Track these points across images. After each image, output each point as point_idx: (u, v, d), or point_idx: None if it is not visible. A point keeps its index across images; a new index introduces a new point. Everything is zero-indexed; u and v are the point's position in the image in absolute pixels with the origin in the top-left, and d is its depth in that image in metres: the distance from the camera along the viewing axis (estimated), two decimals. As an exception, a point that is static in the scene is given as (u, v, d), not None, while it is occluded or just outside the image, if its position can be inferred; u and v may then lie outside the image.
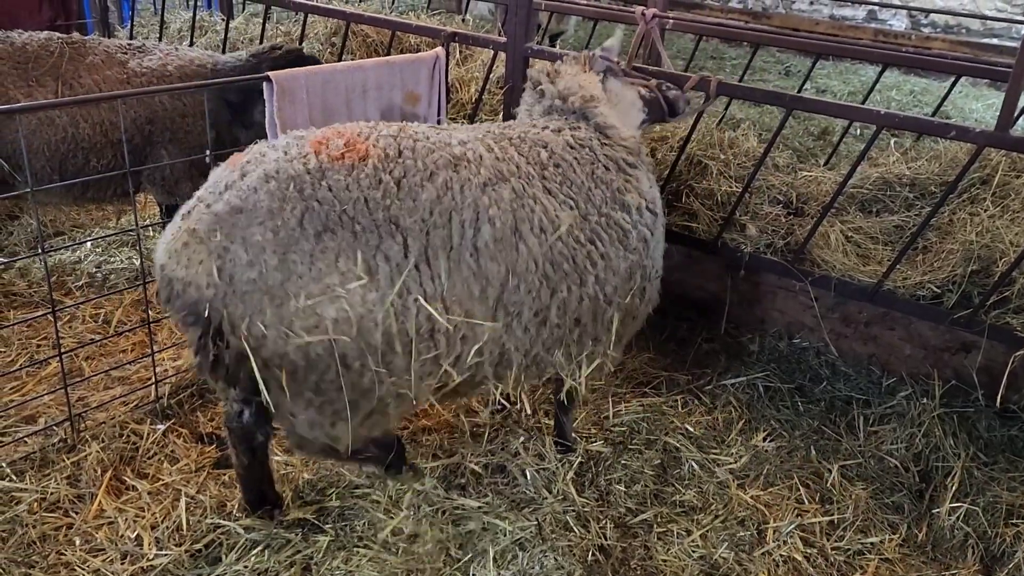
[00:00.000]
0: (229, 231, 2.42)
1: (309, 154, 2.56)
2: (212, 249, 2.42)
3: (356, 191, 2.50)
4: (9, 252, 5.32)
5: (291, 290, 2.40)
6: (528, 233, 2.80)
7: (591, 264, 2.97)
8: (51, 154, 4.42)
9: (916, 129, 4.48)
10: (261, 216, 2.42)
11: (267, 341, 2.44)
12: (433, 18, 6.92)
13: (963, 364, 4.05)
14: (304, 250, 2.41)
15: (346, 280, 2.43)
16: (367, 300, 2.45)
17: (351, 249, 2.45)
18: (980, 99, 9.29)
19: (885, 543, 3.46)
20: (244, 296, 2.41)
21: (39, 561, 3.06)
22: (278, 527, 3.23)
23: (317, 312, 2.41)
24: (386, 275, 2.49)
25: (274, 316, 2.41)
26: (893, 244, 4.30)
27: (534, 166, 2.96)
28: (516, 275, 2.77)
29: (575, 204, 2.98)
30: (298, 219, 2.42)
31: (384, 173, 2.56)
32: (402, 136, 2.74)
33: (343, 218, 2.45)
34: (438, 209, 2.60)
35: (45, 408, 3.87)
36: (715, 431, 4.09)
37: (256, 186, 2.48)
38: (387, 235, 2.50)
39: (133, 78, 4.66)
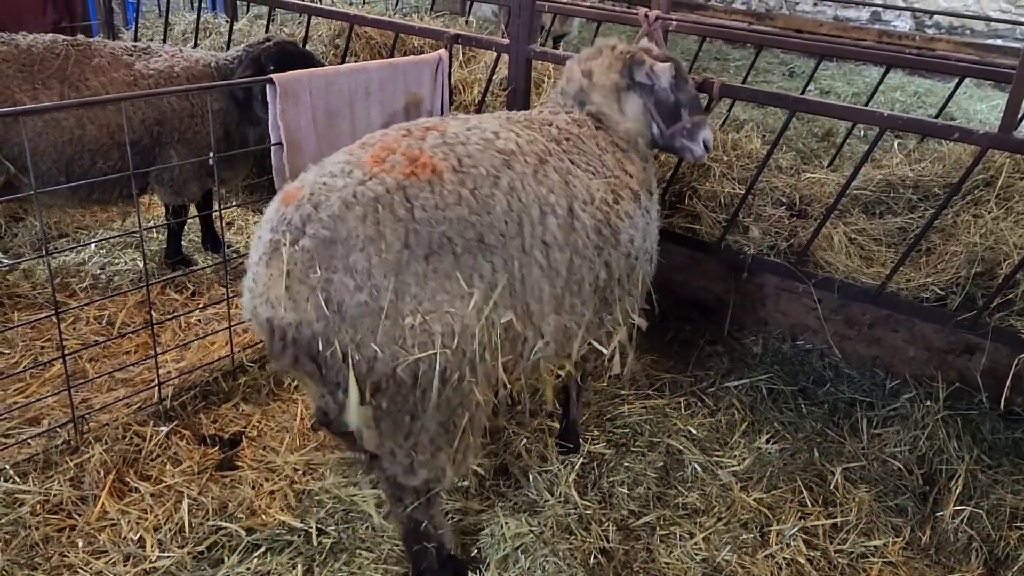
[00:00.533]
0: (328, 263, 2.38)
1: (373, 175, 2.51)
2: (315, 284, 2.38)
3: (447, 210, 2.51)
4: (14, 254, 5.33)
5: (405, 309, 2.41)
6: (579, 209, 2.88)
7: (621, 221, 3.06)
8: (57, 156, 4.43)
9: (920, 131, 4.48)
10: (360, 243, 2.39)
11: (378, 362, 2.43)
12: (436, 20, 6.93)
13: (967, 366, 4.04)
14: (417, 272, 2.43)
15: (453, 298, 2.48)
16: (468, 315, 2.50)
17: (453, 269, 2.49)
18: (984, 100, 9.27)
19: (888, 546, 3.45)
20: (355, 321, 2.39)
21: (42, 563, 3.06)
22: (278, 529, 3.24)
23: (429, 329, 2.44)
24: (482, 291, 2.54)
25: (386, 336, 2.41)
26: (897, 246, 4.30)
27: (554, 142, 3.03)
28: (578, 254, 2.86)
29: (595, 170, 3.07)
30: (403, 242, 2.42)
31: (460, 186, 2.57)
32: (450, 140, 2.71)
33: (444, 240, 2.48)
34: (511, 217, 2.65)
35: (48, 410, 3.88)
36: (718, 433, 4.08)
37: (340, 215, 2.41)
38: (479, 254, 2.55)
39: (140, 80, 4.66)
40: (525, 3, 4.32)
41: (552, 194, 2.79)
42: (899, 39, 8.47)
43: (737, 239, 4.32)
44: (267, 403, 4.10)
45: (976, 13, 11.35)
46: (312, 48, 5.91)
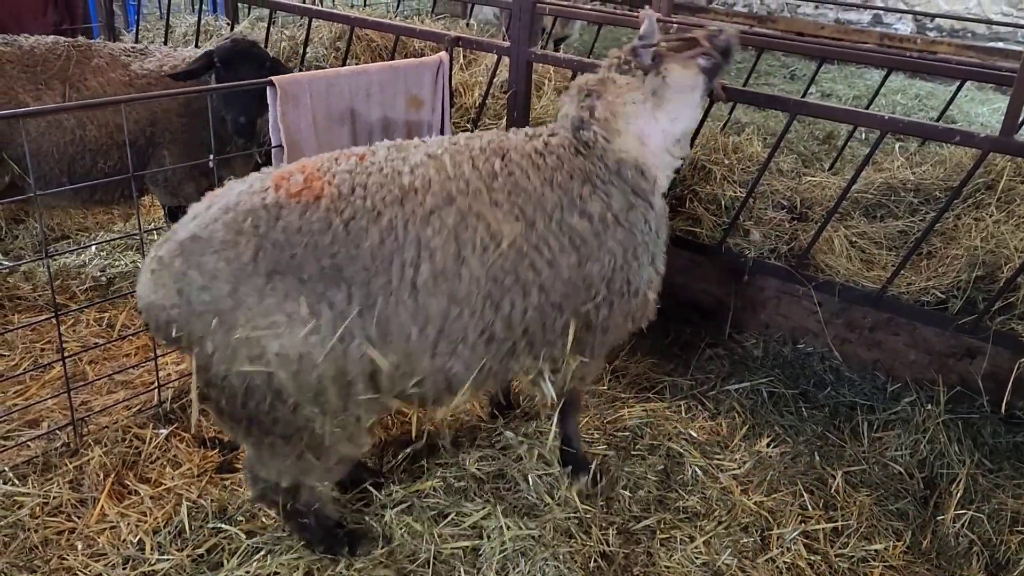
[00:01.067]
0: (187, 257, 2.53)
1: (270, 188, 2.64)
2: (173, 273, 2.54)
3: (307, 235, 2.56)
4: (14, 256, 5.33)
5: (239, 319, 2.50)
6: (471, 256, 2.78)
7: (535, 272, 2.91)
8: (60, 156, 4.49)
9: (920, 134, 4.47)
10: (216, 246, 2.52)
11: (212, 362, 2.56)
12: (437, 23, 6.93)
13: (968, 370, 4.03)
14: (255, 286, 2.50)
15: (291, 322, 2.51)
16: (309, 342, 2.53)
17: (297, 293, 2.53)
18: (986, 103, 9.26)
19: (889, 550, 3.44)
20: (200, 316, 2.52)
21: (41, 566, 3.06)
22: (279, 532, 3.23)
23: (261, 344, 2.51)
24: (328, 321, 2.56)
25: (222, 340, 2.52)
26: (897, 249, 4.29)
27: (485, 179, 2.92)
28: (457, 303, 2.77)
29: (522, 212, 2.91)
30: (252, 255, 2.52)
31: (335, 215, 2.62)
32: (359, 169, 2.77)
33: (291, 262, 2.53)
34: (380, 255, 2.64)
35: (48, 412, 3.88)
36: (718, 436, 4.07)
37: (216, 216, 2.58)
38: (332, 283, 2.57)
39: (135, 80, 4.73)
40: (526, 6, 4.32)
41: (437, 237, 2.72)
42: (900, 42, 8.49)
43: (738, 242, 4.32)
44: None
45: (977, 16, 11.35)
46: (312, 51, 5.91)
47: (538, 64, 4.83)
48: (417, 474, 3.59)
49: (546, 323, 3.01)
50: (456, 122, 5.31)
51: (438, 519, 3.36)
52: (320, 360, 2.55)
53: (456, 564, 3.14)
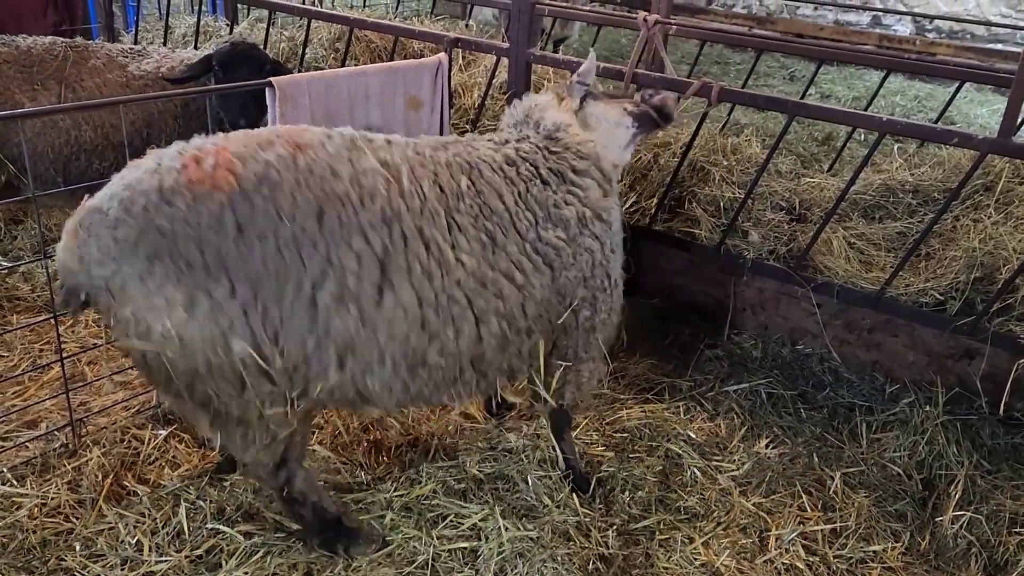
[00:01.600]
0: (88, 228, 2.52)
1: (175, 169, 2.53)
2: (78, 241, 2.53)
3: (194, 228, 2.46)
4: (13, 256, 5.33)
5: (128, 296, 2.49)
6: (402, 283, 2.67)
7: (500, 299, 2.83)
8: (55, 156, 4.50)
9: (919, 136, 4.48)
10: (109, 222, 2.49)
11: (115, 333, 2.59)
12: (436, 24, 6.93)
13: (967, 371, 4.03)
14: (136, 268, 2.47)
15: (171, 306, 2.48)
16: (188, 327, 2.50)
17: (176, 280, 2.47)
18: (985, 104, 9.28)
19: (888, 551, 3.44)
20: (97, 289, 2.52)
21: (39, 566, 3.05)
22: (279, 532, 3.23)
23: (147, 322, 2.49)
24: (206, 311, 2.49)
25: (116, 313, 2.53)
26: (896, 251, 4.29)
27: (447, 198, 2.81)
28: (370, 326, 2.65)
29: (491, 237, 2.84)
30: (135, 238, 2.46)
31: (229, 213, 2.48)
32: (283, 165, 2.58)
33: (173, 250, 2.46)
34: (275, 265, 2.52)
35: (47, 413, 3.87)
36: (717, 438, 4.07)
37: (117, 192, 2.54)
38: (212, 275, 2.49)
39: (132, 81, 4.74)
40: (525, 7, 4.32)
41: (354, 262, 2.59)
42: (899, 43, 8.48)
43: (736, 243, 4.32)
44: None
45: (976, 18, 11.36)
46: (312, 51, 5.92)
47: (537, 65, 4.83)
48: (416, 476, 3.59)
49: (507, 349, 2.93)
50: (455, 123, 5.31)
51: (437, 520, 3.36)
52: (200, 346, 2.51)
53: (455, 565, 3.14)
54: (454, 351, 2.83)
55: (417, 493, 3.48)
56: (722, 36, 6.06)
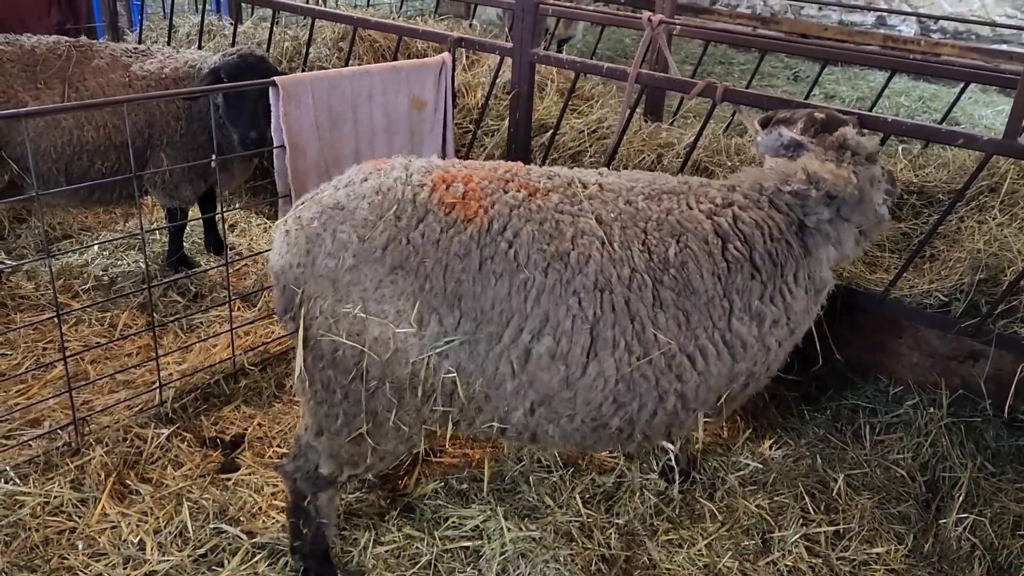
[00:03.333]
0: (326, 221, 2.59)
1: (427, 186, 2.63)
2: (309, 233, 2.60)
3: (443, 251, 2.55)
4: (17, 255, 5.34)
5: (353, 295, 2.54)
6: (606, 355, 2.65)
7: (680, 380, 2.76)
8: (57, 156, 4.50)
9: (923, 137, 4.46)
10: (356, 221, 2.56)
11: (316, 323, 2.60)
12: (440, 23, 6.93)
13: (971, 373, 4.02)
14: (377, 272, 2.53)
15: (399, 318, 2.54)
16: (408, 341, 2.55)
17: (413, 298, 2.54)
18: (990, 105, 9.26)
19: (891, 553, 3.43)
20: (319, 279, 2.58)
21: (42, 565, 3.06)
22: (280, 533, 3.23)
23: (365, 324, 2.55)
24: (432, 334, 2.56)
25: (330, 307, 2.57)
26: (900, 252, 4.28)
27: (654, 268, 2.71)
28: (572, 387, 2.67)
29: (686, 318, 2.72)
30: (384, 243, 2.54)
31: (475, 247, 2.57)
32: (522, 210, 2.65)
33: (420, 268, 2.53)
34: (500, 309, 2.58)
35: (50, 411, 3.88)
36: (721, 439, 4.06)
37: (365, 193, 2.62)
38: (447, 303, 2.56)
39: (135, 81, 4.74)
40: (528, 7, 4.31)
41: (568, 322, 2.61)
42: (904, 43, 8.45)
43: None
44: (268, 405, 4.10)
45: (981, 18, 11.33)
46: (315, 51, 5.91)
47: (541, 65, 4.82)
48: (419, 477, 3.59)
49: (673, 423, 2.89)
50: (458, 123, 5.31)
51: (440, 521, 3.36)
52: (412, 360, 2.57)
53: (456, 566, 3.14)
54: (634, 420, 2.81)
55: (419, 493, 3.48)
56: (726, 36, 6.05)
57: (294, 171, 4.01)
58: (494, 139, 5.13)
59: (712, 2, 13.17)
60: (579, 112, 5.52)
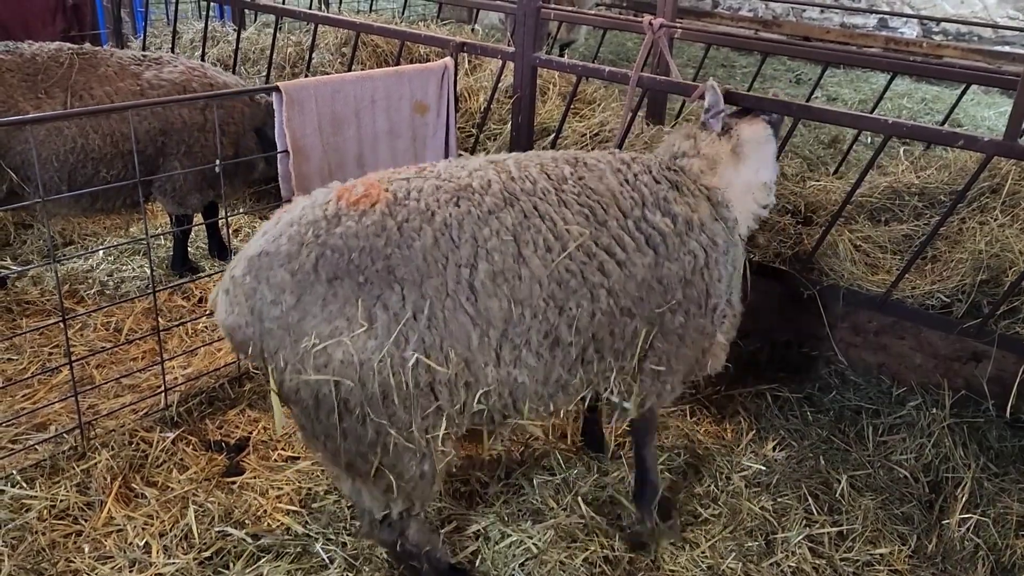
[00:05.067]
0: (256, 272, 2.57)
1: (331, 200, 2.66)
2: (245, 291, 2.58)
3: (363, 239, 2.56)
4: (23, 261, 5.37)
5: (306, 329, 2.50)
6: (532, 256, 2.73)
7: (603, 274, 2.84)
8: (60, 165, 4.44)
9: (924, 138, 4.47)
10: (282, 259, 2.54)
11: (285, 375, 2.56)
12: (442, 28, 6.96)
13: (973, 374, 4.02)
14: (318, 294, 2.50)
15: (351, 326, 2.49)
16: (367, 347, 2.50)
17: (355, 297, 2.51)
18: (992, 107, 9.25)
19: (894, 554, 3.43)
20: (270, 332, 2.55)
21: (48, 568, 3.08)
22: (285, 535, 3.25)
23: (327, 352, 2.49)
24: (384, 324, 2.51)
25: (291, 352, 2.52)
26: (902, 253, 4.29)
27: (553, 181, 2.93)
28: (519, 303, 2.70)
29: (591, 212, 2.88)
30: (313, 264, 2.52)
31: (389, 218, 2.61)
32: (416, 177, 2.79)
33: (350, 267, 2.52)
34: (434, 255, 2.60)
35: (56, 415, 3.90)
36: (724, 441, 4.07)
37: (281, 231, 2.61)
38: (386, 285, 2.53)
39: (148, 91, 4.68)
40: (531, 11, 4.34)
41: (494, 238, 2.68)
42: (906, 46, 8.47)
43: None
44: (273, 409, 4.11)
45: (983, 20, 11.33)
46: (318, 56, 5.95)
47: (543, 69, 4.84)
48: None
49: (615, 329, 2.92)
50: (461, 127, 5.33)
51: (443, 523, 3.37)
52: (377, 365, 2.50)
53: (461, 567, 3.15)
54: (579, 328, 2.84)
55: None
56: (728, 39, 6.07)
57: (298, 176, 4.03)
58: (496, 143, 5.15)
59: (714, 5, 13.20)
60: (581, 116, 5.54)
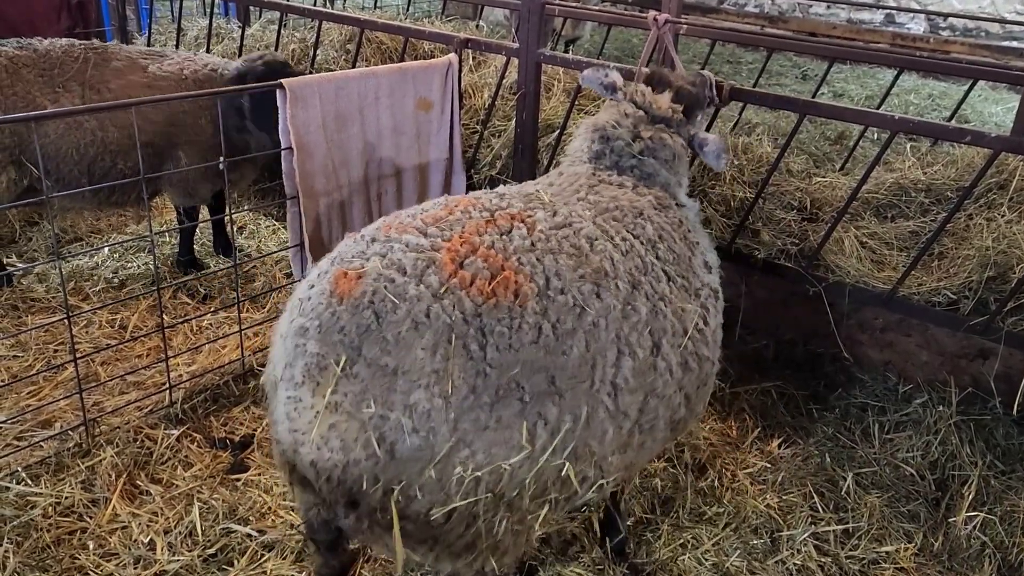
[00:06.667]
0: (386, 398, 2.07)
1: (454, 285, 2.17)
2: (367, 420, 2.08)
3: (521, 350, 2.15)
4: (28, 258, 5.38)
5: (457, 459, 2.09)
6: (666, 347, 2.50)
7: (706, 347, 2.68)
8: (79, 157, 4.55)
9: (931, 134, 4.45)
10: (424, 379, 2.07)
11: (415, 503, 2.15)
12: (447, 24, 6.94)
13: (980, 371, 4.00)
14: (478, 420, 2.10)
15: (509, 452, 2.14)
16: (524, 465, 2.18)
17: (518, 420, 2.14)
18: (1000, 102, 9.20)
19: (900, 552, 3.42)
20: (404, 464, 2.09)
21: (53, 565, 3.08)
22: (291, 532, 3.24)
23: (476, 479, 2.13)
24: (542, 441, 2.18)
25: (433, 483, 2.11)
26: (908, 250, 4.27)
27: (649, 251, 2.64)
28: (655, 395, 2.48)
29: (687, 283, 2.69)
30: (471, 386, 2.09)
31: (542, 319, 2.20)
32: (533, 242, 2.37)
33: (511, 385, 2.13)
34: (586, 360, 2.27)
35: (61, 413, 3.91)
36: (729, 438, 4.06)
37: (408, 339, 2.09)
38: (548, 400, 2.18)
39: (155, 83, 4.77)
40: (535, 7, 4.32)
41: (635, 332, 2.40)
42: (913, 41, 8.44)
43: (748, 243, 4.30)
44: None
45: (991, 15, 11.27)
46: (323, 53, 5.94)
47: (547, 65, 4.83)
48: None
49: (701, 392, 2.79)
50: (465, 124, 5.31)
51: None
52: (529, 480, 2.19)
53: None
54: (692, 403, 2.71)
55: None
56: (734, 35, 6.04)
57: (301, 173, 4.02)
58: (500, 140, 5.13)
59: (720, 1, 13.15)
60: (586, 112, 5.52)
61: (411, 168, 4.59)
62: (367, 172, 4.37)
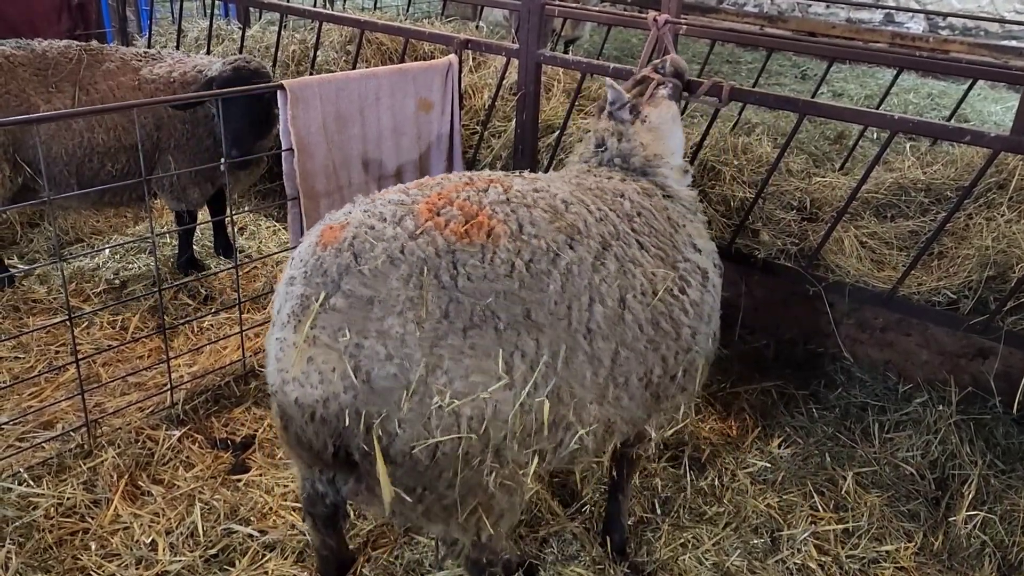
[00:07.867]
0: (361, 326, 2.16)
1: (428, 227, 2.30)
2: (343, 350, 2.15)
3: (495, 281, 2.26)
4: (29, 259, 5.39)
5: (435, 387, 2.16)
6: (632, 301, 2.61)
7: (684, 314, 2.78)
8: (68, 159, 4.57)
9: (930, 134, 4.45)
10: (399, 306, 2.16)
11: (396, 439, 2.19)
12: (447, 25, 6.95)
13: (980, 370, 4.01)
14: (453, 346, 2.18)
15: (488, 380, 2.21)
16: (502, 399, 2.24)
17: (494, 347, 2.22)
18: (999, 102, 9.19)
19: (900, 551, 3.43)
20: (382, 394, 2.16)
21: (55, 565, 3.09)
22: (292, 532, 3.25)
23: (456, 410, 2.18)
24: (521, 373, 2.27)
25: (411, 413, 2.16)
26: (908, 249, 4.27)
27: (624, 221, 2.78)
28: (625, 346, 2.58)
29: (665, 255, 2.81)
30: (443, 311, 2.18)
31: (515, 257, 2.32)
32: (508, 197, 2.50)
33: (486, 313, 2.23)
34: (562, 299, 2.38)
35: (62, 414, 3.92)
36: (729, 438, 4.07)
37: (383, 271, 2.20)
38: (524, 331, 2.28)
39: (144, 85, 4.79)
40: (535, 8, 4.33)
41: (605, 284, 2.52)
42: (912, 41, 8.43)
43: (747, 243, 4.31)
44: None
45: (990, 15, 11.27)
46: (323, 54, 5.95)
47: (547, 66, 4.83)
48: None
49: (688, 367, 2.87)
50: (465, 124, 5.32)
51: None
52: (511, 417, 2.25)
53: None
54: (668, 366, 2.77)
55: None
56: (733, 35, 6.04)
57: (302, 173, 4.03)
58: (501, 140, 5.14)
59: (719, 1, 13.15)
60: (586, 112, 5.53)
61: (411, 169, 4.60)
62: (368, 173, 4.38)
